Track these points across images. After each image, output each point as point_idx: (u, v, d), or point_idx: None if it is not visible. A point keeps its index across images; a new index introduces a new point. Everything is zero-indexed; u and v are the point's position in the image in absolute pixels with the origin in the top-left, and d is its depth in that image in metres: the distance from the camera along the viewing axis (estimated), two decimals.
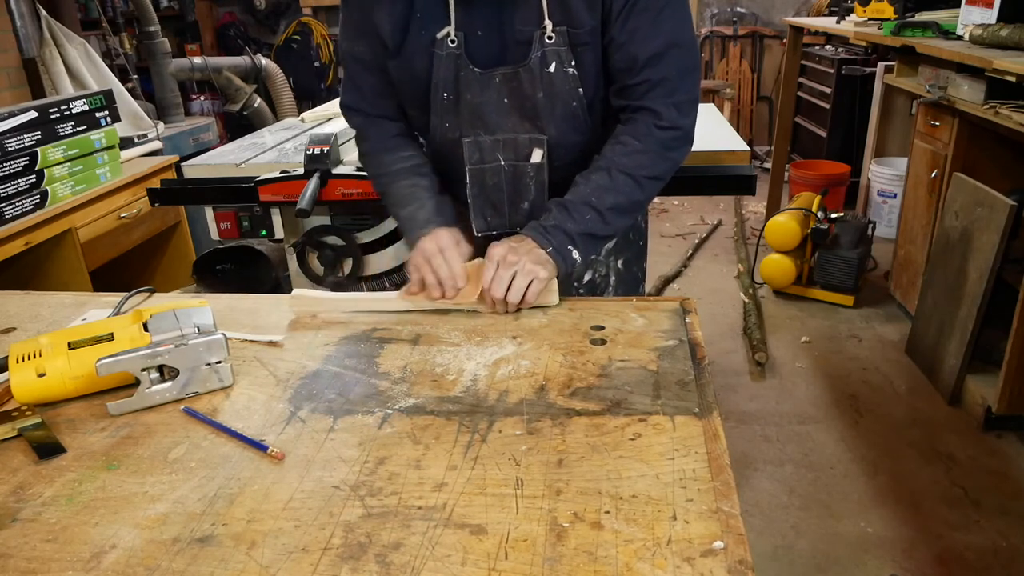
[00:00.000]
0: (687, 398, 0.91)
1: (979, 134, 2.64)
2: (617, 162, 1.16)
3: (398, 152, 1.29)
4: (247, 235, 2.04)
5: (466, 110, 1.20)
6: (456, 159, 1.26)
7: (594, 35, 1.13)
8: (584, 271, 1.40)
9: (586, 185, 1.17)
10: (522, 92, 1.17)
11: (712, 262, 4.03)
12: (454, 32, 1.13)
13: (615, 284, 1.42)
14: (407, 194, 1.26)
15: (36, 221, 2.36)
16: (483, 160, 1.24)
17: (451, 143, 1.24)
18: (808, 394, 2.73)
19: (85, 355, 0.95)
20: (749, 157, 2.05)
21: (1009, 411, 2.37)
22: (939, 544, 1.99)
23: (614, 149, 1.17)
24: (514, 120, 1.20)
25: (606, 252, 1.40)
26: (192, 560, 0.68)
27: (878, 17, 3.35)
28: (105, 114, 2.70)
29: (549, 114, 1.18)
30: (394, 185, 1.28)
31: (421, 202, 1.24)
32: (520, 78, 1.16)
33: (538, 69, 1.14)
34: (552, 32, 1.11)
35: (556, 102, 1.17)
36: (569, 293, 1.39)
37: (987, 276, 2.41)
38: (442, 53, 1.15)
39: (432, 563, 0.66)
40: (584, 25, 1.12)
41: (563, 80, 1.15)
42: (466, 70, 1.16)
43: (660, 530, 0.68)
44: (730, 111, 5.59)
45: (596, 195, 1.15)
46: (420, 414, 0.90)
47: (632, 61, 1.13)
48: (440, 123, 1.23)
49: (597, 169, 1.17)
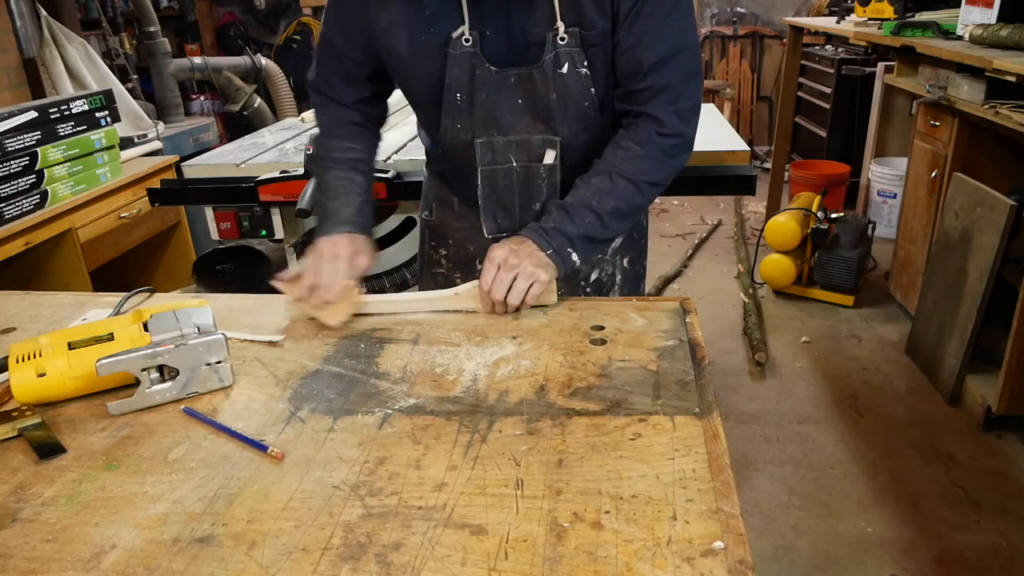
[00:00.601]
0: (687, 398, 0.91)
1: (979, 134, 2.64)
2: (618, 167, 1.16)
3: (343, 141, 1.29)
4: (247, 235, 2.04)
5: (480, 110, 1.19)
6: (467, 160, 1.25)
7: (604, 37, 1.13)
8: (591, 270, 1.40)
9: (586, 188, 1.17)
10: (535, 93, 1.17)
11: (712, 262, 4.03)
12: (468, 31, 1.13)
13: (620, 283, 1.43)
14: (337, 186, 1.26)
15: (36, 221, 2.37)
16: (495, 161, 1.23)
17: (463, 144, 1.24)
18: (808, 394, 2.73)
19: (85, 355, 0.95)
20: (749, 157, 2.06)
21: (1009, 411, 2.37)
22: (939, 544, 1.99)
23: (616, 153, 1.17)
24: (527, 121, 1.20)
25: (612, 251, 1.40)
26: (192, 560, 0.68)
27: (878, 17, 3.35)
28: (105, 114, 2.70)
29: (562, 115, 1.19)
30: (328, 173, 1.28)
31: (348, 199, 1.24)
32: (534, 79, 1.16)
33: (551, 70, 1.14)
34: (564, 33, 1.12)
35: (569, 103, 1.18)
36: (576, 292, 1.40)
37: (987, 276, 2.41)
38: (456, 52, 1.14)
39: (432, 563, 0.66)
40: (595, 27, 1.12)
41: (576, 81, 1.15)
42: (482, 69, 1.16)
43: (660, 530, 0.68)
44: (730, 111, 5.60)
45: (596, 199, 1.15)
46: (420, 414, 0.90)
47: (637, 65, 1.13)
48: (452, 124, 1.22)
49: (598, 173, 1.17)
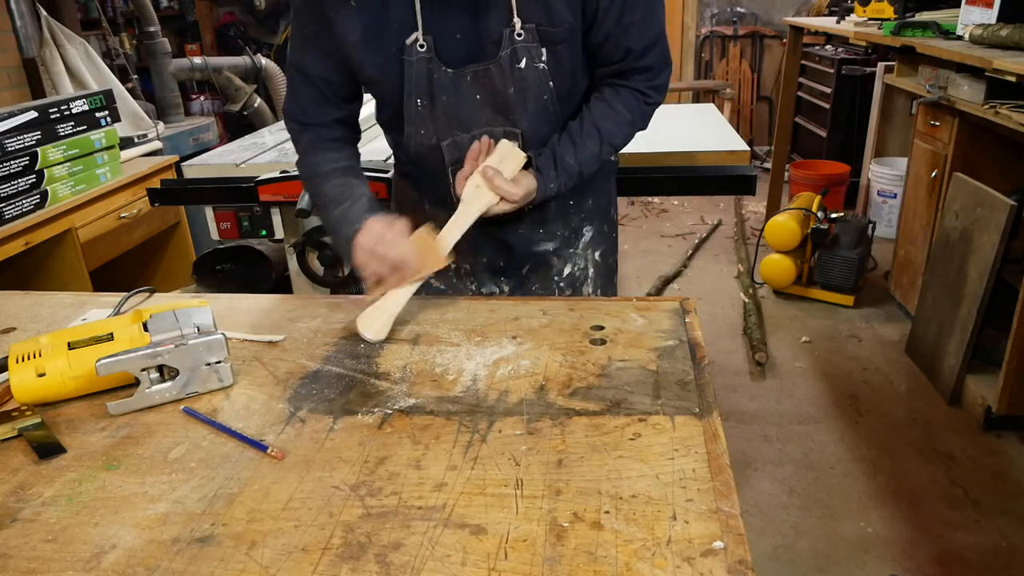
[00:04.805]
0: (687, 398, 0.91)
1: (979, 134, 2.64)
2: (607, 129, 1.25)
3: (328, 154, 1.29)
4: (247, 235, 2.04)
5: (442, 113, 1.22)
6: (434, 162, 1.27)
7: (572, 32, 1.17)
8: (564, 265, 1.43)
9: (579, 147, 1.24)
10: (493, 87, 1.19)
11: (712, 262, 4.03)
12: (422, 36, 1.15)
13: (593, 276, 1.46)
14: (338, 193, 1.25)
15: (36, 221, 2.36)
16: (463, 160, 1.25)
17: (429, 149, 1.26)
18: (808, 394, 2.73)
19: (85, 355, 0.95)
20: (749, 157, 2.06)
21: (1009, 411, 2.37)
22: (939, 544, 1.99)
23: (606, 115, 1.25)
24: (488, 115, 1.22)
25: (583, 245, 1.43)
26: (192, 560, 0.68)
27: (878, 17, 3.35)
28: (105, 114, 2.70)
29: (521, 108, 1.21)
30: (325, 185, 1.27)
31: (354, 199, 1.23)
32: (491, 74, 1.18)
33: (508, 65, 1.17)
34: (521, 29, 1.14)
35: (528, 96, 1.20)
36: (550, 287, 1.41)
37: (987, 276, 2.41)
38: (412, 59, 1.17)
39: (432, 563, 0.66)
40: (562, 23, 1.15)
41: (534, 75, 1.18)
42: (439, 72, 1.18)
43: (660, 530, 0.68)
44: (730, 111, 5.59)
45: (586, 164, 1.24)
46: (420, 414, 0.90)
47: (626, 52, 1.21)
48: (415, 131, 1.24)
49: (588, 135, 1.24)
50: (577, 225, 1.41)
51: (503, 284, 1.43)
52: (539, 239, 1.39)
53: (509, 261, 1.41)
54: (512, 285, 1.43)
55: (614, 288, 1.51)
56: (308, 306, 1.24)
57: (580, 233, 1.42)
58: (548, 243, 1.40)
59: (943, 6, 3.12)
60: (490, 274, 1.42)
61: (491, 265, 1.41)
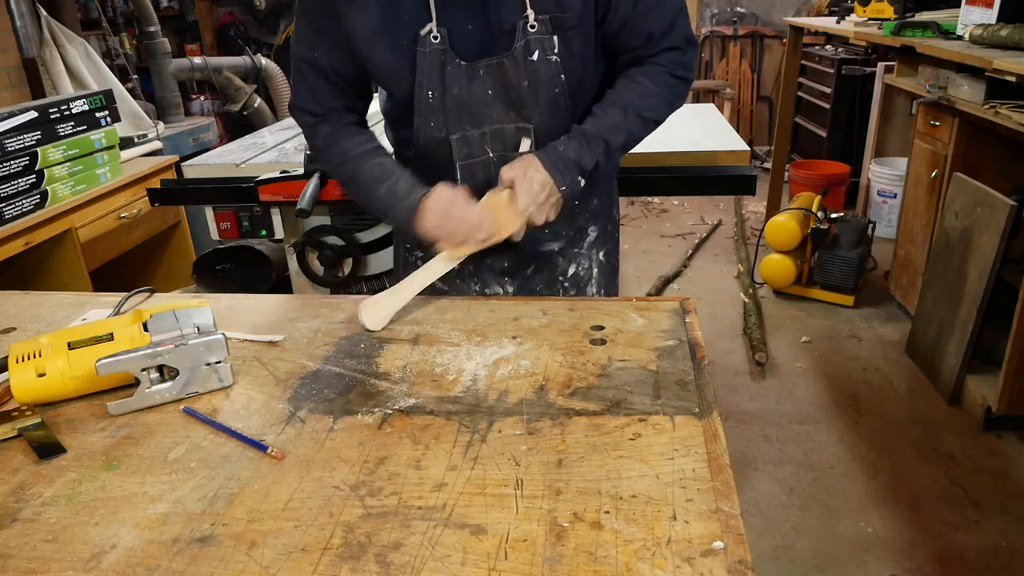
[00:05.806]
0: (687, 398, 0.91)
1: (979, 134, 2.64)
2: (633, 102, 1.22)
3: (355, 138, 1.29)
4: (247, 235, 2.04)
5: (452, 105, 1.21)
6: (442, 157, 1.26)
7: (584, 18, 1.16)
8: (568, 265, 1.42)
9: (603, 119, 1.22)
10: (507, 82, 1.19)
11: (712, 262, 4.03)
12: (436, 28, 1.14)
13: (597, 276, 1.46)
14: (378, 173, 1.24)
15: (36, 221, 2.36)
16: (472, 155, 1.25)
17: (437, 142, 1.25)
18: (808, 394, 2.73)
19: (85, 355, 0.95)
20: (749, 157, 2.06)
21: (1009, 411, 2.37)
22: (939, 544, 1.99)
23: (630, 88, 1.23)
24: (499, 110, 1.22)
25: (588, 244, 1.43)
26: (192, 560, 0.68)
27: (878, 17, 3.35)
28: (105, 114, 2.70)
29: (533, 102, 1.20)
30: (363, 168, 1.26)
31: (396, 175, 1.23)
32: (504, 67, 1.18)
33: (522, 58, 1.16)
34: (535, 20, 1.14)
35: (539, 90, 1.19)
36: (554, 287, 1.41)
37: (987, 276, 2.41)
38: (425, 50, 1.16)
39: (432, 563, 0.66)
40: (573, 8, 1.14)
41: (546, 68, 1.18)
42: (452, 64, 1.17)
43: (660, 530, 0.68)
44: (730, 111, 5.59)
45: (611, 133, 1.21)
46: (420, 414, 0.90)
47: (648, 37, 1.21)
48: (425, 123, 1.23)
49: (612, 105, 1.22)
50: (582, 225, 1.41)
51: (507, 285, 1.42)
52: (544, 239, 1.39)
53: (514, 261, 1.40)
54: (516, 286, 1.42)
55: (616, 288, 1.51)
56: (308, 306, 1.24)
57: (585, 233, 1.41)
58: (553, 243, 1.40)
59: (943, 6, 3.12)
60: (494, 274, 1.42)
61: (495, 266, 1.41)
